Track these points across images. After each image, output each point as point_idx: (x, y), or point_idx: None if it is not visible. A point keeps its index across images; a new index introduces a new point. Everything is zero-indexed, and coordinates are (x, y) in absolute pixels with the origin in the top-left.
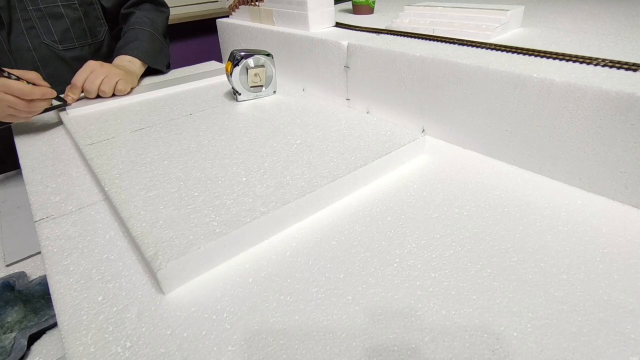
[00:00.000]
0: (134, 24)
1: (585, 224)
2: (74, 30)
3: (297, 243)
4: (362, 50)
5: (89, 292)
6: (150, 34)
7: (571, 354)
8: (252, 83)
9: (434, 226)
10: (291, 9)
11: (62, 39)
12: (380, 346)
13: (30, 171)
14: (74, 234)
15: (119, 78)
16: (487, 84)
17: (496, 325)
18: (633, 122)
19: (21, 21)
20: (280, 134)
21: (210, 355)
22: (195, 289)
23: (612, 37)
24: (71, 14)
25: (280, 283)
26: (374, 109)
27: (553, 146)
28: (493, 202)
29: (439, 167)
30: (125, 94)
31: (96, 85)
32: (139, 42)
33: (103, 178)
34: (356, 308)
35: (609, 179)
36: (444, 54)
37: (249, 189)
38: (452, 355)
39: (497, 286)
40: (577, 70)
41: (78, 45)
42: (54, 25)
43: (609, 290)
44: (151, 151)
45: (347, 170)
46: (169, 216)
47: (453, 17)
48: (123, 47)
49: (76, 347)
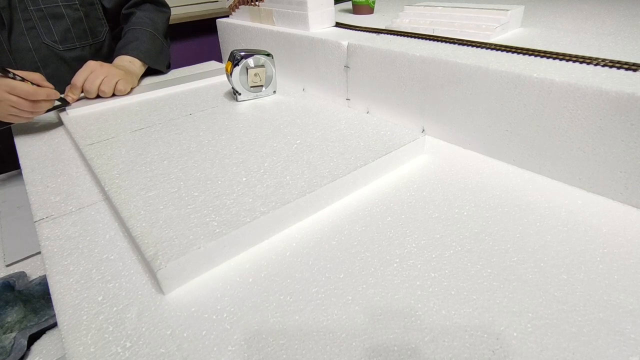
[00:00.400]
0: (135, 24)
1: (585, 224)
2: (74, 31)
3: (297, 243)
4: (362, 50)
5: (89, 292)
6: (150, 34)
7: (571, 354)
8: (252, 83)
9: (434, 226)
10: (291, 9)
11: (62, 39)
12: (380, 346)
13: (30, 171)
14: (74, 234)
15: (119, 78)
16: (487, 84)
17: (496, 325)
18: (633, 122)
19: (22, 21)
20: (280, 134)
21: (210, 355)
22: (195, 289)
23: (612, 37)
24: (72, 14)
25: (280, 283)
26: (374, 109)
27: (553, 146)
28: (493, 202)
29: (439, 167)
30: (125, 94)
31: (96, 85)
32: (140, 42)
33: (103, 178)
34: (356, 308)
35: (609, 179)
36: (444, 54)
37: (249, 189)
38: (452, 355)
39: (497, 286)
40: (577, 70)
41: (79, 45)
42: (54, 25)
43: (609, 290)
44: (151, 151)
45: (347, 170)
46: (169, 216)
47: (453, 17)
48: (123, 48)
49: (76, 347)
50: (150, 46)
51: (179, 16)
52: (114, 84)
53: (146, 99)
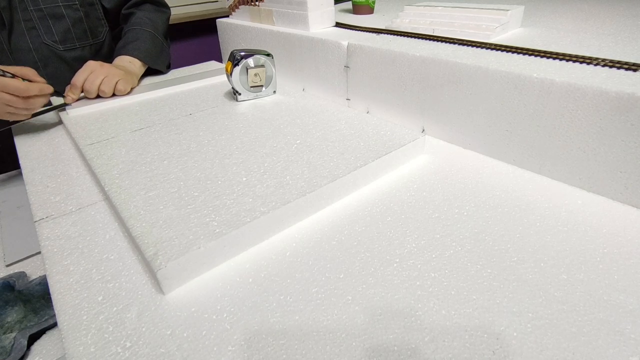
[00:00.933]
0: (135, 24)
1: (585, 224)
2: (74, 31)
3: (297, 243)
4: (362, 50)
5: (89, 292)
6: (150, 34)
7: (571, 354)
8: (252, 83)
9: (434, 226)
10: (291, 9)
11: (62, 39)
12: (380, 346)
13: (30, 171)
14: (74, 234)
15: (119, 78)
16: (487, 84)
17: (496, 325)
18: (633, 122)
19: (22, 21)
20: (280, 134)
21: (210, 355)
22: (195, 289)
23: (612, 37)
24: (72, 15)
25: (280, 283)
26: (374, 109)
27: (553, 146)
28: (493, 202)
29: (439, 167)
30: (125, 94)
31: (96, 85)
32: (140, 42)
33: (103, 178)
34: (356, 308)
35: (609, 179)
36: (444, 54)
37: (249, 189)
38: (452, 355)
39: (497, 286)
40: (577, 70)
41: (79, 45)
42: (54, 25)
43: (609, 290)
44: (151, 151)
45: (347, 170)
46: (169, 216)
47: (453, 17)
48: (123, 48)
49: (76, 347)
50: (150, 46)
51: (179, 16)
52: (114, 83)
53: (146, 99)
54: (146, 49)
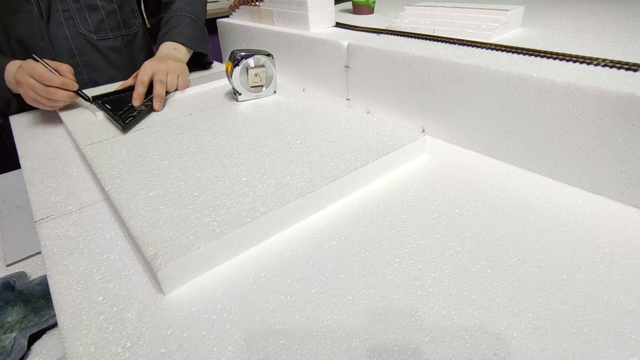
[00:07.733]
0: (175, 11)
1: (585, 224)
2: (108, 22)
3: (297, 243)
4: (362, 50)
5: (89, 292)
6: (191, 19)
7: (571, 354)
8: (253, 83)
9: (434, 226)
10: (291, 9)
11: (97, 29)
12: (380, 346)
13: (30, 171)
14: (74, 234)
15: (178, 73)
16: (487, 84)
17: (496, 325)
18: (633, 122)
19: (60, 12)
20: (281, 134)
21: (210, 355)
22: (195, 289)
23: (612, 37)
24: (107, 6)
25: (280, 283)
26: (374, 109)
27: (553, 146)
28: (493, 202)
29: (439, 167)
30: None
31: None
32: (182, 27)
33: (103, 178)
34: (356, 308)
35: (609, 179)
36: (444, 54)
37: (249, 189)
38: (452, 355)
39: (497, 286)
40: (577, 70)
41: (112, 35)
42: (90, 16)
43: (609, 291)
44: (151, 151)
45: (347, 170)
46: (169, 216)
47: (453, 17)
48: (167, 34)
49: (76, 347)
50: (193, 31)
51: None
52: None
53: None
54: (189, 33)
